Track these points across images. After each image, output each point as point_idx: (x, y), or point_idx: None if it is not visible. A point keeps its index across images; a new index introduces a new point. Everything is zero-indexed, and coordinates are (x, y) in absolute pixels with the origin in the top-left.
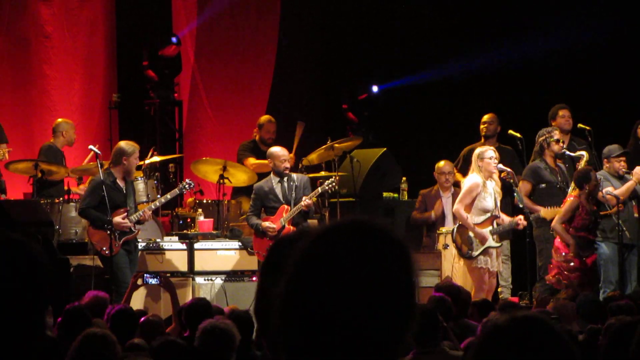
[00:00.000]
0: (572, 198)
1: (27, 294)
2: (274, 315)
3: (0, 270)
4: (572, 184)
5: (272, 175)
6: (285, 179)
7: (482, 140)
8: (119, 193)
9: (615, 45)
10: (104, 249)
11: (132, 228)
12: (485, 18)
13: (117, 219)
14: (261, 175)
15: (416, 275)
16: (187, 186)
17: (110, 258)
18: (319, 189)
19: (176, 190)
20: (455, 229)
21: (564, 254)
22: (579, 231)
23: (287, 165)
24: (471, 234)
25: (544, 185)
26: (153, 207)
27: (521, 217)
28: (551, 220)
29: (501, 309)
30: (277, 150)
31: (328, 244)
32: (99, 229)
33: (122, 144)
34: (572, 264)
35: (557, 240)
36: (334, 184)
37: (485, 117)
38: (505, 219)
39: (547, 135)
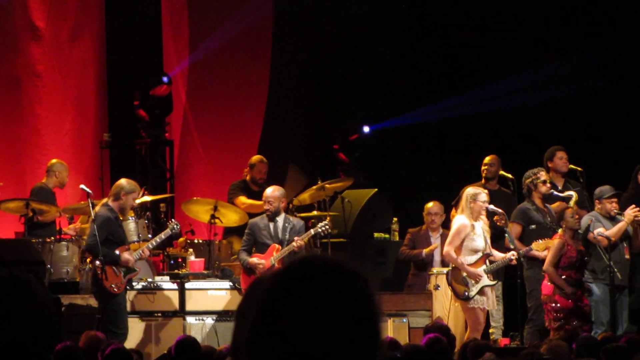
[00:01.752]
0: (557, 239)
1: (35, 332)
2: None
3: (8, 308)
4: (560, 230)
5: (266, 213)
6: (281, 219)
7: (483, 181)
8: (121, 229)
9: (609, 88)
10: (112, 286)
11: (135, 266)
12: (476, 60)
13: (127, 255)
14: (252, 215)
15: (377, 307)
16: (175, 227)
17: (113, 297)
18: (312, 231)
19: (168, 231)
20: (449, 272)
21: (548, 295)
22: (565, 270)
23: (268, 207)
24: (465, 274)
25: (533, 226)
26: (150, 246)
27: (513, 253)
28: (542, 261)
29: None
30: (271, 191)
31: (287, 285)
32: (107, 265)
33: (123, 180)
34: (557, 304)
35: (543, 282)
36: (327, 226)
37: (487, 159)
38: (498, 255)
39: (533, 177)
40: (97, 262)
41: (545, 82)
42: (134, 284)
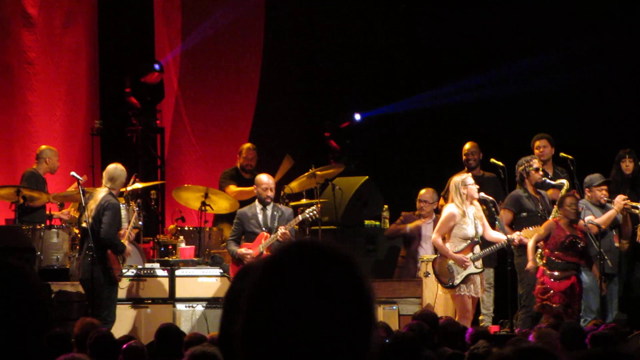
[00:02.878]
0: (550, 220)
1: (29, 319)
2: (237, 350)
3: (3, 295)
4: (553, 213)
5: (256, 202)
6: (270, 207)
7: (466, 169)
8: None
9: (597, 75)
10: (118, 274)
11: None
12: (468, 47)
13: (129, 247)
14: (243, 203)
15: (370, 291)
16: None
17: (115, 285)
18: (300, 217)
19: (139, 223)
20: (435, 260)
21: (542, 281)
22: (553, 252)
23: (270, 194)
24: (451, 262)
25: (525, 214)
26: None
27: (508, 237)
28: None
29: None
30: (262, 177)
31: (277, 274)
32: (116, 255)
33: (120, 166)
34: (543, 285)
35: (540, 268)
36: (315, 212)
37: (468, 147)
38: (496, 235)
39: (526, 165)
40: (109, 251)
41: (536, 70)
42: (124, 270)
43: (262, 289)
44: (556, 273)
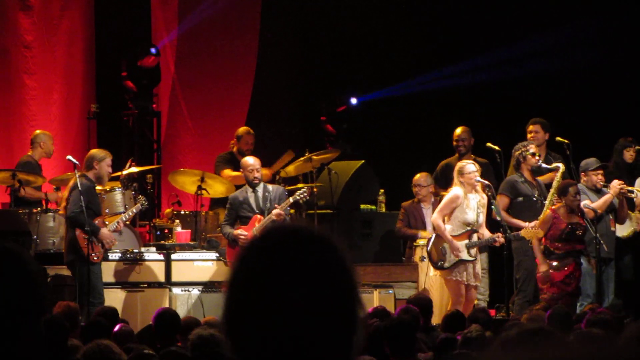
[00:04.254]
0: (548, 212)
1: (25, 302)
2: (223, 336)
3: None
4: (549, 197)
5: (246, 185)
6: (260, 189)
7: (457, 155)
8: (98, 200)
9: (595, 59)
10: (92, 254)
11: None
12: (463, 31)
13: (105, 231)
14: (238, 187)
15: (352, 273)
16: (144, 203)
17: (93, 265)
18: (290, 199)
19: (139, 206)
20: (431, 238)
21: (542, 270)
22: (553, 242)
23: (257, 175)
24: (445, 244)
25: (521, 198)
26: (124, 218)
27: (499, 234)
28: None
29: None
30: (247, 160)
31: (256, 260)
32: (86, 235)
33: (93, 150)
34: (542, 274)
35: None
36: (305, 194)
37: (459, 132)
38: (486, 234)
39: (523, 149)
40: (78, 231)
41: (532, 53)
42: (119, 254)
43: (243, 275)
44: (555, 263)
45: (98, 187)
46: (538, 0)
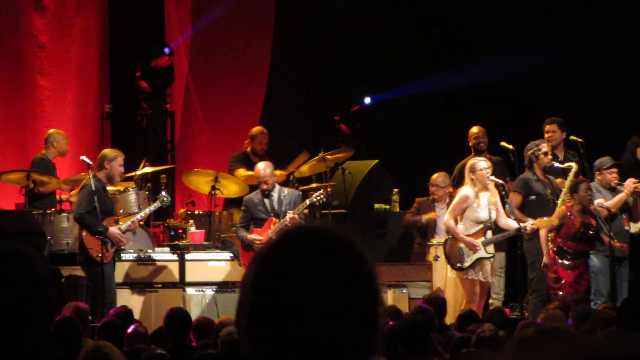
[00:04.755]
0: (563, 207)
1: (35, 303)
2: (241, 339)
3: (9, 280)
4: (562, 196)
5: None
6: (276, 192)
7: (473, 153)
8: (109, 200)
9: (609, 58)
10: (99, 255)
11: (124, 238)
12: (477, 30)
13: (114, 230)
14: (252, 187)
15: (374, 274)
16: (165, 200)
17: (99, 267)
18: (307, 201)
19: (158, 204)
20: (446, 241)
21: (554, 269)
22: (566, 241)
23: (265, 187)
24: (462, 245)
25: (534, 197)
26: (139, 217)
27: (525, 223)
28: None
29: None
30: (258, 169)
31: (278, 262)
32: (95, 236)
33: (105, 150)
34: (555, 274)
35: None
36: (322, 195)
37: (476, 131)
38: (510, 223)
39: (535, 149)
40: (85, 232)
41: (547, 51)
42: (133, 255)
43: (265, 277)
44: (567, 262)
45: (111, 188)
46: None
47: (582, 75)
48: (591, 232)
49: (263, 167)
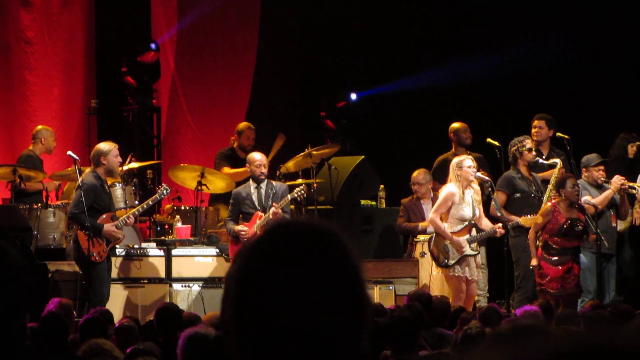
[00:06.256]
0: (548, 204)
1: (6, 298)
2: (228, 336)
3: None
4: (547, 193)
5: (250, 181)
6: (264, 185)
7: (453, 149)
8: (107, 196)
9: (594, 55)
10: (94, 254)
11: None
12: (463, 27)
13: (109, 227)
14: (239, 184)
15: (359, 269)
16: (164, 192)
17: (94, 265)
18: (288, 196)
19: (157, 197)
20: (431, 238)
21: (540, 265)
22: (552, 237)
23: (264, 170)
24: (447, 242)
25: (518, 195)
26: (137, 212)
27: (499, 225)
28: (528, 229)
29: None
30: (254, 155)
31: (263, 257)
32: (87, 235)
33: (99, 144)
34: (542, 270)
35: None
36: (302, 191)
37: (458, 126)
38: (487, 224)
39: (519, 145)
40: (79, 231)
41: (532, 48)
42: (120, 250)
43: (249, 272)
44: (554, 258)
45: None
46: None
47: (568, 72)
48: (580, 227)
49: (259, 154)
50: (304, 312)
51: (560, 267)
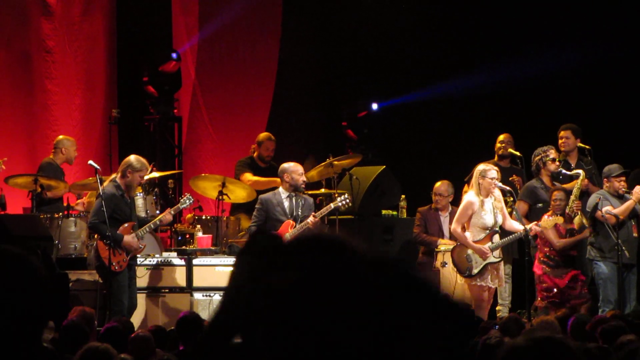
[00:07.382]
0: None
1: (26, 307)
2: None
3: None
4: (570, 203)
5: (280, 189)
6: (295, 195)
7: (496, 159)
8: (127, 206)
9: (616, 64)
10: (114, 264)
11: (140, 244)
12: (486, 36)
13: (129, 238)
14: (259, 192)
15: (380, 290)
16: (187, 201)
17: (114, 275)
18: (332, 205)
19: (179, 207)
20: (454, 248)
21: (542, 279)
22: (552, 250)
23: (305, 179)
24: (470, 251)
25: (540, 205)
26: (172, 212)
27: (525, 228)
28: None
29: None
30: (296, 165)
31: (311, 282)
32: (107, 245)
33: (132, 157)
34: (544, 284)
35: (535, 263)
36: (347, 200)
37: (502, 137)
38: (515, 226)
39: (542, 155)
40: (99, 241)
41: (556, 58)
42: (140, 259)
43: (295, 297)
44: (556, 270)
45: None
46: (564, 3)
47: (591, 81)
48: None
49: (295, 163)
50: (317, 325)
51: (564, 278)
